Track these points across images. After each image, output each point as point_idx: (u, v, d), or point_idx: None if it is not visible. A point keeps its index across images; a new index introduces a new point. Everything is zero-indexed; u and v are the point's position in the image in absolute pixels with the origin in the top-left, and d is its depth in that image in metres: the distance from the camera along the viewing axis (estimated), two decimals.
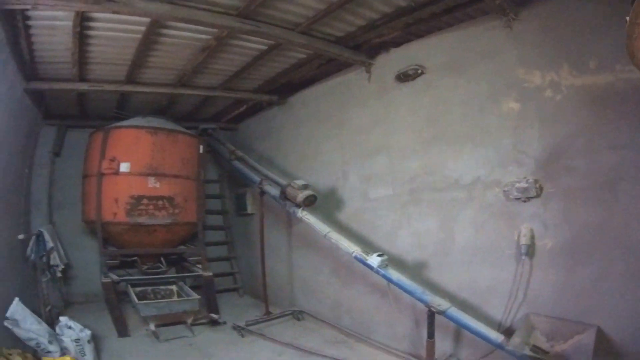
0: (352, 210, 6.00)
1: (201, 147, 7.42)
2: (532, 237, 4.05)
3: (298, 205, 5.77)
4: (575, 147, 3.82)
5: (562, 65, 3.87)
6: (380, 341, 5.39)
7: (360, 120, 5.82)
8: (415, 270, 4.99)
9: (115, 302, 6.01)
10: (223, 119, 8.66)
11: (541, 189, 4.01)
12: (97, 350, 5.03)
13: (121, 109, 7.53)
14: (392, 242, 5.38)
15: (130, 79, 6.11)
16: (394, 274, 4.69)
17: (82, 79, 5.96)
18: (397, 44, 5.28)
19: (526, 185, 4.05)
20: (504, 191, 4.25)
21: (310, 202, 5.75)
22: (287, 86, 6.91)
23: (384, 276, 4.73)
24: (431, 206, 4.97)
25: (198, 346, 5.61)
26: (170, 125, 7.24)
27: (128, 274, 7.04)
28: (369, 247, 5.37)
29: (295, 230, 7.02)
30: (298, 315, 6.75)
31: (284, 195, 5.91)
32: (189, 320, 6.17)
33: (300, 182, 5.79)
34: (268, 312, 6.79)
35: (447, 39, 4.77)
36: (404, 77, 5.13)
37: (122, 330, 5.86)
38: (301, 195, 5.64)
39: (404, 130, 5.25)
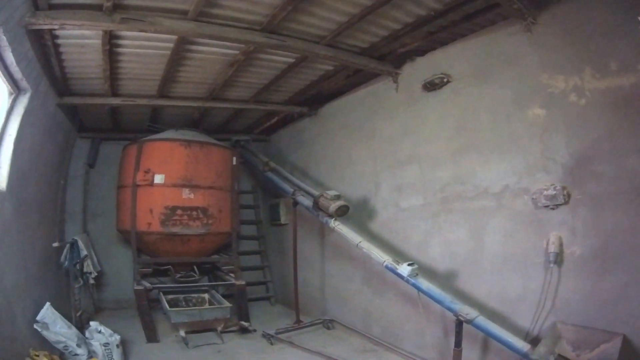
0: (384, 219, 6.19)
1: (234, 158, 7.78)
2: (561, 245, 4.11)
3: (330, 216, 5.99)
4: (602, 152, 3.85)
5: (584, 68, 3.93)
6: (409, 350, 5.51)
7: (390, 130, 6.03)
8: (446, 279, 5.13)
9: (147, 309, 6.26)
10: (255, 131, 9.04)
11: (569, 195, 4.07)
12: (125, 354, 5.29)
13: (154, 122, 8.02)
14: (423, 251, 5.53)
15: (162, 93, 6.49)
16: (424, 283, 4.85)
17: (115, 93, 6.38)
18: (422, 52, 5.47)
19: (554, 192, 4.12)
20: (532, 199, 4.33)
21: (342, 212, 5.97)
22: (317, 97, 7.21)
23: (414, 285, 4.90)
24: (461, 215, 5.10)
25: (226, 353, 5.80)
26: (203, 137, 7.63)
27: (160, 282, 7.40)
28: (400, 256, 5.53)
29: (327, 240, 7.27)
30: (328, 324, 6.92)
31: (317, 206, 6.15)
32: (219, 328, 6.38)
33: (332, 193, 6.02)
34: (299, 321, 6.99)
35: (470, 45, 4.94)
36: (430, 86, 5.31)
37: (152, 336, 6.12)
38: (333, 206, 5.86)
39: (434, 140, 5.41)
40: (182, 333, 6.04)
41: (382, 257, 5.27)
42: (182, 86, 6.42)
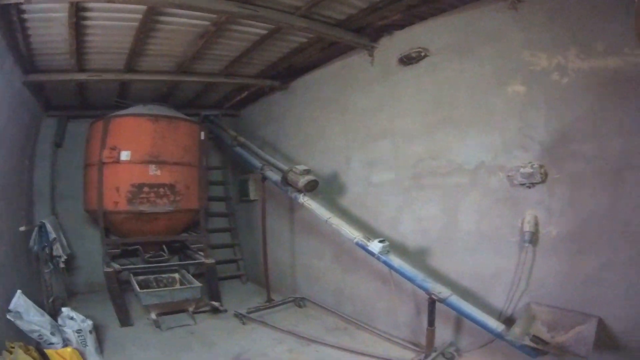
0: (355, 195, 5.86)
1: (202, 133, 7.26)
2: (536, 225, 3.90)
3: (299, 191, 5.65)
4: (582, 132, 3.63)
5: (569, 48, 3.66)
6: (381, 329, 5.29)
7: (363, 104, 5.65)
8: (418, 256, 4.87)
9: (118, 292, 5.96)
10: (225, 106, 8.52)
11: (546, 174, 3.84)
12: (99, 340, 4.97)
13: (122, 98, 7.42)
14: (394, 228, 5.25)
15: (130, 67, 5.96)
16: (396, 261, 4.58)
17: (81, 69, 5.84)
18: (401, 26, 5.06)
19: (531, 170, 3.88)
20: (508, 176, 4.08)
21: (312, 188, 5.61)
22: (289, 71, 6.73)
23: (385, 263, 4.62)
24: (434, 191, 4.82)
25: (199, 334, 5.54)
26: (171, 112, 7.11)
27: (131, 263, 6.98)
28: (371, 233, 5.24)
29: (297, 216, 6.91)
30: (300, 302, 6.67)
31: (286, 181, 5.77)
32: (191, 309, 6.11)
33: (301, 167, 5.65)
34: (270, 299, 6.72)
35: (452, 21, 4.55)
36: (407, 60, 4.94)
37: (125, 320, 5.82)
38: (303, 181, 5.50)
39: (408, 114, 5.07)
40: (153, 316, 5.73)
41: (352, 233, 4.95)
42: (150, 59, 5.88)
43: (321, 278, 6.52)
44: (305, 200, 5.63)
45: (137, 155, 6.51)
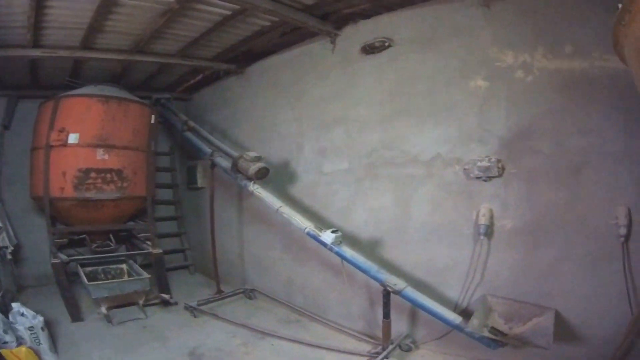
0: (306, 184, 5.62)
1: (153, 116, 6.72)
2: (492, 218, 3.88)
3: (250, 178, 5.31)
4: (542, 129, 3.66)
5: (536, 47, 3.69)
6: (335, 320, 5.10)
7: (320, 92, 5.42)
8: (370, 247, 4.72)
9: (66, 284, 5.46)
10: (178, 89, 7.99)
11: (503, 169, 3.83)
12: (53, 337, 4.54)
13: (75, 77, 6.75)
14: (346, 218, 5.07)
15: (86, 44, 5.45)
16: (348, 252, 4.39)
17: (36, 44, 5.27)
18: (367, 16, 4.88)
19: (488, 164, 3.86)
20: (465, 169, 4.04)
21: (262, 175, 5.30)
22: (246, 55, 6.37)
23: (338, 253, 4.43)
24: (388, 182, 4.68)
25: (152, 328, 5.19)
26: (123, 94, 6.54)
27: (79, 253, 6.39)
28: (323, 223, 5.05)
29: (246, 205, 6.57)
30: (250, 293, 6.34)
31: (236, 168, 5.43)
32: (141, 301, 5.68)
33: (252, 154, 5.33)
34: (220, 291, 6.34)
35: (420, 13, 4.41)
36: (370, 49, 4.76)
37: (76, 315, 5.37)
38: (253, 168, 5.18)
39: (365, 103, 4.89)
40: (104, 310, 5.28)
41: (303, 223, 4.72)
42: (107, 37, 5.38)
43: (271, 269, 6.23)
44: (255, 188, 5.31)
45: (86, 138, 5.93)
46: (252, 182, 5.34)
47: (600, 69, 3.38)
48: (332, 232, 4.45)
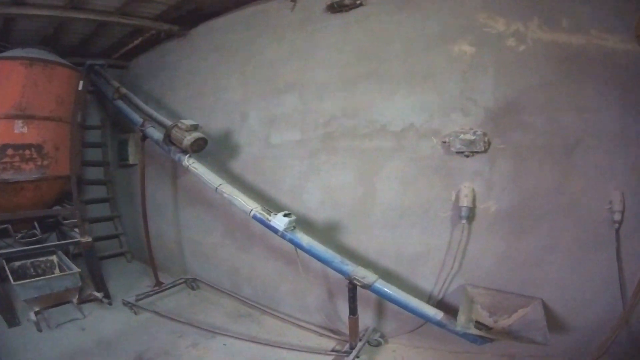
0: (250, 158, 4.68)
1: (81, 82, 5.34)
2: (474, 199, 3.22)
3: (184, 151, 4.32)
4: (534, 103, 3.07)
5: (532, 17, 3.09)
6: (289, 313, 4.32)
7: (272, 54, 4.47)
8: (327, 232, 3.92)
9: None
10: (114, 56, 6.66)
11: (489, 143, 3.17)
12: None
13: (4, 41, 5.44)
14: (297, 198, 4.23)
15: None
16: (305, 239, 3.53)
17: None
18: None
19: (473, 137, 3.17)
20: (444, 142, 3.32)
21: (199, 147, 4.32)
22: (192, 15, 5.24)
23: (292, 241, 3.55)
24: (349, 156, 3.87)
25: (91, 331, 4.33)
26: (51, 56, 5.26)
27: (6, 244, 5.08)
28: (270, 204, 4.19)
29: (182, 183, 5.49)
30: (192, 284, 5.36)
31: (169, 139, 4.39)
32: (75, 300, 4.66)
33: (188, 122, 4.31)
34: (159, 282, 5.29)
35: None
36: (338, 7, 3.87)
37: (11, 319, 4.43)
38: (188, 138, 4.18)
39: (325, 66, 4.02)
40: (32, 316, 4.26)
41: (248, 204, 3.79)
42: None
43: (212, 256, 5.24)
44: (191, 163, 4.32)
45: (4, 108, 4.71)
46: (188, 155, 4.35)
47: (597, 48, 2.96)
48: (285, 215, 3.55)
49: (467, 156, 3.25)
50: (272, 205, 4.19)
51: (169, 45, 5.82)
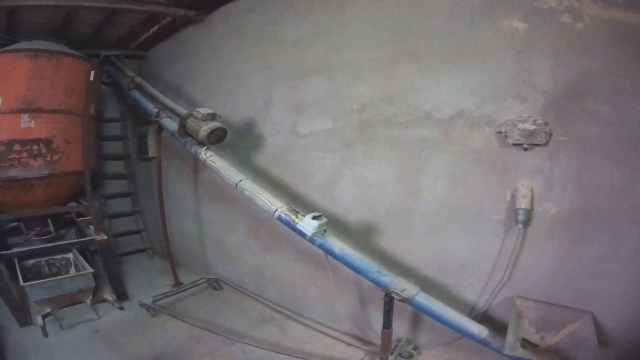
0: (275, 150, 4.32)
1: (92, 73, 5.06)
2: (532, 200, 2.78)
3: (201, 143, 3.98)
4: (597, 88, 2.57)
5: None
6: (317, 320, 4.04)
7: (296, 34, 4.06)
8: (361, 235, 3.55)
9: (5, 284, 4.36)
10: (130, 46, 6.34)
11: (550, 134, 2.70)
12: (1, 349, 3.85)
13: (12, 34, 5.23)
14: (328, 195, 3.85)
15: None
16: (337, 245, 3.14)
17: None
18: None
19: (533, 127, 2.71)
20: (498, 132, 2.86)
21: (218, 139, 3.97)
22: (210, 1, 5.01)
23: (322, 247, 3.17)
24: (388, 148, 3.44)
25: (104, 333, 4.20)
26: (58, 47, 5.04)
27: (19, 243, 5.03)
28: (297, 201, 3.86)
29: (203, 178, 5.19)
30: (214, 284, 5.12)
31: (184, 129, 4.05)
32: (88, 300, 4.54)
33: (205, 111, 3.95)
34: (178, 282, 5.10)
35: None
36: None
37: (23, 318, 4.36)
38: (205, 128, 3.83)
39: (358, 45, 3.58)
40: (39, 320, 4.14)
41: (272, 203, 3.41)
42: None
43: (236, 256, 4.97)
44: (208, 156, 3.96)
45: (9, 102, 4.52)
46: (205, 147, 4.01)
47: None
48: (314, 218, 3.15)
49: (526, 149, 2.80)
50: (300, 203, 3.87)
51: (187, 33, 5.50)
